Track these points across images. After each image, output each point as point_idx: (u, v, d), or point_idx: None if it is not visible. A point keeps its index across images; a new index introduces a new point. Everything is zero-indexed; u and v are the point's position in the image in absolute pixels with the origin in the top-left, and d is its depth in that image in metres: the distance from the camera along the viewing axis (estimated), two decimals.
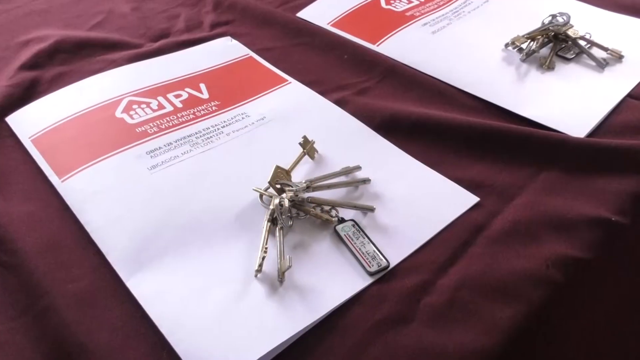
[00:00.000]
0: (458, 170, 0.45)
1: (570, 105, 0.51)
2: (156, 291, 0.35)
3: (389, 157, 0.46)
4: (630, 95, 0.51)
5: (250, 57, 0.59)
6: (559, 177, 0.44)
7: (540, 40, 0.57)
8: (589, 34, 0.59)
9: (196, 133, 0.48)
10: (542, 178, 0.44)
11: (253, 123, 0.50)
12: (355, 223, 0.40)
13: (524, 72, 0.55)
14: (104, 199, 0.42)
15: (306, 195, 0.42)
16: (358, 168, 0.44)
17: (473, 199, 0.42)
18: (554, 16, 0.59)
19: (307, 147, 0.46)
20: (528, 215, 0.41)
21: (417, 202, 0.42)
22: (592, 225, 0.40)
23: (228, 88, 0.54)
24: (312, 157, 0.46)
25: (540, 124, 0.49)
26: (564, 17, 0.58)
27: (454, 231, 0.40)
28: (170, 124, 0.49)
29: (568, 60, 0.57)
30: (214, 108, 0.51)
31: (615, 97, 0.51)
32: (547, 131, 0.47)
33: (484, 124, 0.48)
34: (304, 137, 0.46)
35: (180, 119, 0.49)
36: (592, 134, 0.48)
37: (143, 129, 0.48)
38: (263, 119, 0.50)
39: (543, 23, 0.59)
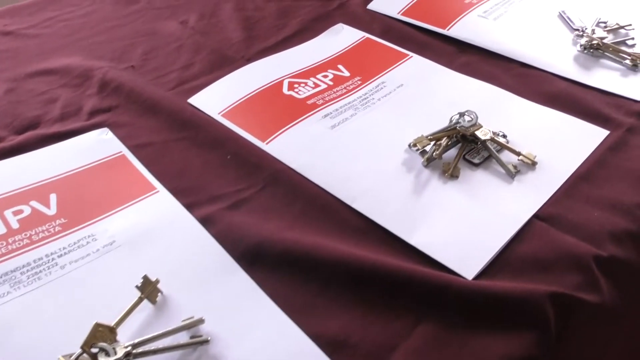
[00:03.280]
0: (322, 320, 0.38)
1: (464, 230, 0.44)
2: None
3: (246, 300, 0.39)
4: (537, 216, 0.45)
5: (123, 155, 0.52)
6: (437, 333, 0.37)
7: (445, 142, 0.51)
8: (502, 132, 0.53)
9: (24, 266, 0.41)
10: (418, 334, 0.37)
11: (98, 250, 0.43)
12: None
13: (423, 181, 0.49)
14: None
15: None
16: (201, 321, 0.37)
17: None
18: (461, 114, 0.53)
19: (147, 291, 0.39)
20: None
21: None
22: None
23: (83, 199, 0.47)
24: (153, 302, 0.39)
25: (429, 256, 0.42)
26: (472, 116, 0.52)
27: None
28: None
29: (475, 165, 0.51)
30: (57, 229, 0.44)
31: (519, 219, 0.45)
32: (430, 270, 0.40)
33: (360, 259, 0.41)
34: (145, 278, 0.39)
35: (10, 247, 0.42)
36: (485, 270, 0.41)
37: None
38: (111, 244, 0.43)
39: (450, 121, 0.53)
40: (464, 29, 0.69)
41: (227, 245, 0.43)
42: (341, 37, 0.71)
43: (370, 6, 0.77)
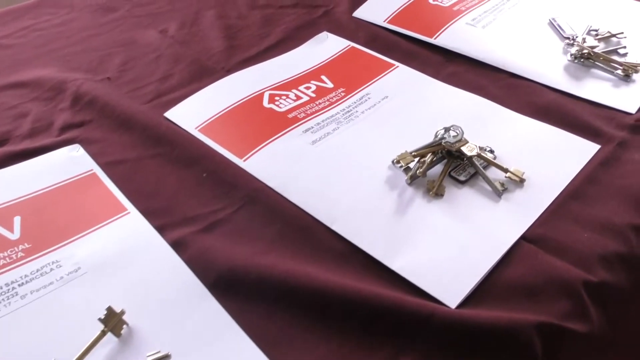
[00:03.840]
0: (296, 353, 0.36)
1: (448, 254, 0.42)
2: None
3: (216, 331, 0.37)
4: (525, 237, 0.43)
5: (94, 174, 0.50)
6: None
7: (429, 159, 0.49)
8: (489, 147, 0.51)
9: None
10: None
11: (62, 277, 0.40)
12: None
13: (406, 200, 0.47)
14: None
15: None
16: (167, 357, 0.35)
17: None
18: (446, 129, 0.51)
19: (111, 323, 0.37)
20: None
21: None
22: None
23: (49, 222, 0.45)
24: (117, 335, 0.37)
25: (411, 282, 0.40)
26: (457, 131, 0.50)
27: None
28: None
29: (461, 183, 0.49)
30: (19, 255, 0.42)
31: (506, 241, 0.43)
32: (412, 298, 0.38)
33: (339, 286, 0.39)
34: (108, 309, 0.37)
35: None
36: (470, 296, 0.39)
37: None
38: (76, 271, 0.41)
39: (436, 136, 0.51)
40: (451, 38, 0.67)
41: (199, 271, 0.41)
42: (325, 46, 0.69)
43: (356, 14, 0.75)
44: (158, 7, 0.78)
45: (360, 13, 0.75)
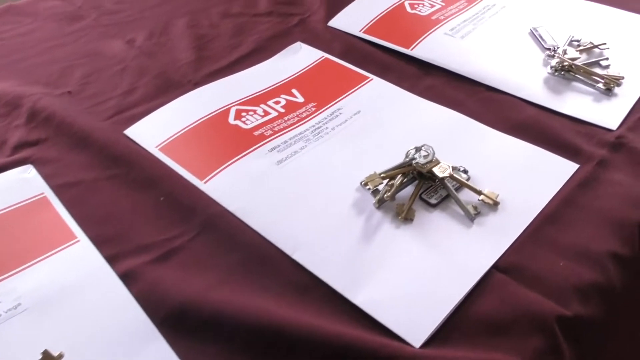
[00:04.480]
0: None
1: (415, 286, 0.39)
2: None
3: None
4: (497, 267, 0.41)
5: (44, 197, 0.47)
6: None
7: (399, 181, 0.47)
8: (463, 167, 0.49)
9: None
10: None
11: (0, 315, 0.38)
12: None
13: (373, 226, 0.44)
14: None
15: None
16: None
17: None
18: (417, 149, 0.48)
19: None
20: None
21: None
22: None
23: None
24: None
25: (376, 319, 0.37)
26: (428, 151, 0.48)
27: None
28: None
29: (432, 206, 0.47)
30: None
31: (477, 271, 0.40)
32: (373, 337, 0.35)
33: (296, 324, 0.36)
34: (44, 353, 0.34)
35: None
36: (436, 333, 0.36)
37: None
38: (16, 308, 0.38)
39: (407, 156, 0.49)
40: (428, 49, 0.65)
41: (149, 307, 0.38)
42: (298, 57, 0.66)
43: (331, 23, 0.72)
44: (127, 16, 0.75)
45: (336, 22, 0.72)
